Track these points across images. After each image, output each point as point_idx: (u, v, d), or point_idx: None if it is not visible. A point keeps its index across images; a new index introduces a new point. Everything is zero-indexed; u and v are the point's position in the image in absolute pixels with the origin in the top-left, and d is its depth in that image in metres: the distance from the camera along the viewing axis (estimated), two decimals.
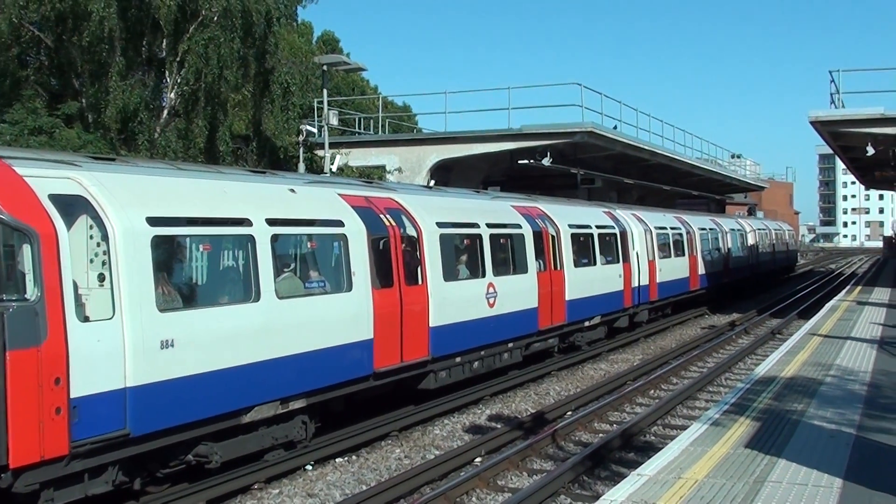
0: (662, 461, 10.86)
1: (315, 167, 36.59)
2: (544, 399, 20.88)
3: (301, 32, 68.70)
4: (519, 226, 22.60)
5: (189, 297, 12.99)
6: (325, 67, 33.24)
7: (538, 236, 23.35)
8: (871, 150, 34.10)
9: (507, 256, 22.00)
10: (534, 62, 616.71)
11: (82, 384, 10.51)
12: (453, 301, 18.74)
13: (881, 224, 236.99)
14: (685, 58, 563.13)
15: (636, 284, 31.05)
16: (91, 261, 11.50)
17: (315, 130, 36.64)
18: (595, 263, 27.43)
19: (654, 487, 9.73)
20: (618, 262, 29.45)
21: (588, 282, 26.26)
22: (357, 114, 51.72)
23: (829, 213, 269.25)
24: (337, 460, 15.30)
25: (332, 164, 33.22)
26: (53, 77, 35.73)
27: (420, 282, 17.87)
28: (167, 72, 34.84)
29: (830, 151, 60.58)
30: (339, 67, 34.27)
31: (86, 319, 10.77)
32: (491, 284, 20.43)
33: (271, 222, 13.92)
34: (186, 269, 13.60)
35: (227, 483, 13.36)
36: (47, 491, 10.60)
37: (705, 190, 69.61)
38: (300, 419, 14.84)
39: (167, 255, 12.53)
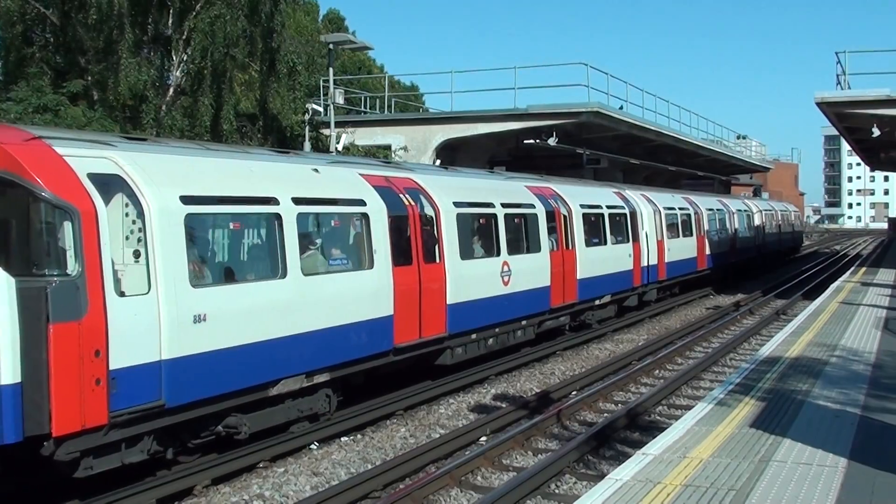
0: (667, 441, 10.86)
1: (321, 146, 36.56)
2: (549, 379, 20.88)
3: (307, 11, 68.56)
4: (532, 205, 22.97)
5: (220, 273, 13.48)
6: (331, 46, 33.13)
7: (551, 216, 23.73)
8: (876, 132, 34.04)
9: (521, 236, 22.39)
10: (540, 42, 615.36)
11: (120, 356, 10.91)
12: (469, 279, 19.19)
13: (886, 205, 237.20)
14: (691, 38, 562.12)
15: (645, 264, 31.39)
16: (126, 238, 11.81)
17: (321, 109, 36.57)
18: (606, 243, 27.82)
19: (659, 467, 9.73)
20: (627, 241, 29.82)
21: (599, 261, 26.63)
22: (363, 93, 51.61)
23: (834, 194, 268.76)
24: (342, 439, 15.31)
25: (338, 143, 33.16)
26: (59, 55, 35.62)
27: (438, 260, 18.28)
28: (173, 50, 34.80)
29: (836, 133, 60.48)
30: (344, 46, 34.13)
31: (122, 294, 11.10)
32: (505, 263, 20.86)
33: (297, 201, 14.36)
34: (217, 247, 14.04)
35: (233, 462, 13.39)
36: (87, 459, 11.02)
37: (711, 171, 69.50)
38: (324, 392, 15.31)
39: (199, 232, 12.97)
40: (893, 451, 10.24)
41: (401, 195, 17.63)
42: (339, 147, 33.08)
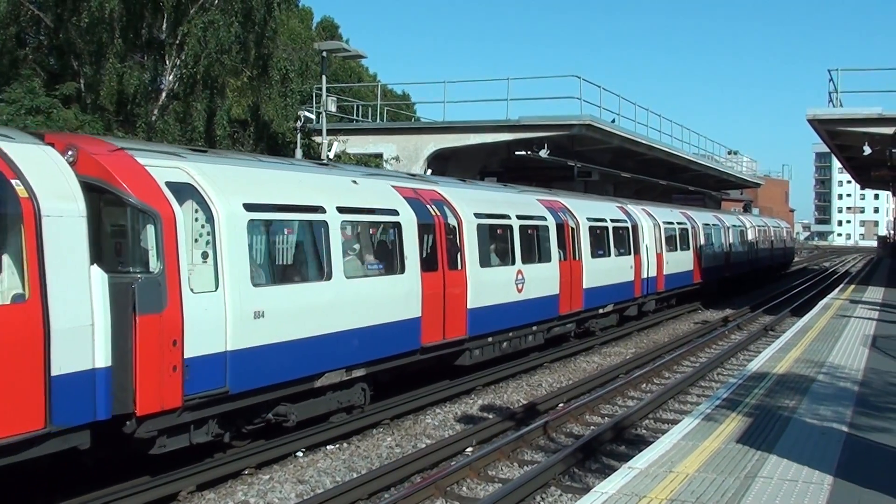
0: (654, 455, 10.86)
1: (312, 154, 36.52)
2: (536, 391, 20.90)
3: (301, 18, 68.53)
4: (544, 218, 24.56)
5: (276, 274, 14.96)
6: (324, 54, 33.06)
7: (560, 228, 25.32)
8: (867, 150, 34.12)
9: (534, 246, 23.93)
10: (533, 54, 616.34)
11: (193, 346, 12.26)
12: (487, 285, 20.68)
13: (876, 223, 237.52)
14: (683, 53, 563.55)
15: (645, 276, 32.79)
16: (196, 240, 13.08)
17: (313, 117, 36.59)
18: (610, 255, 29.35)
19: (644, 481, 9.73)
20: (629, 254, 31.36)
21: (603, 272, 28.17)
22: (355, 101, 51.65)
23: (824, 211, 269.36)
24: (328, 447, 15.30)
25: (330, 150, 33.16)
26: (52, 57, 35.61)
27: (459, 267, 19.72)
28: (167, 55, 34.76)
29: (827, 150, 60.57)
30: (338, 54, 34.13)
31: (194, 291, 12.39)
32: (520, 271, 22.37)
33: (341, 210, 15.91)
34: (273, 250, 15.51)
35: (218, 468, 13.39)
36: (161, 438, 12.35)
37: (701, 185, 69.62)
38: (360, 386, 16.70)
39: (259, 237, 14.46)
40: (879, 470, 10.26)
41: (428, 206, 19.00)
42: (331, 155, 33.07)
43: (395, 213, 17.64)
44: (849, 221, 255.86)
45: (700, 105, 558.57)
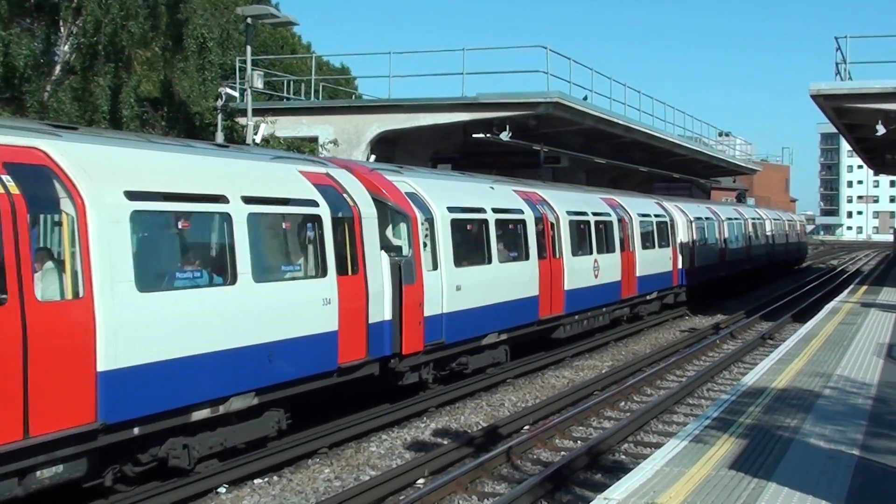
0: (633, 483, 10.89)
1: (236, 137, 36.29)
2: (498, 411, 20.95)
3: None
4: (609, 214, 32.99)
5: (464, 258, 22.35)
6: (248, 20, 32.80)
7: (621, 223, 33.82)
8: (881, 130, 34.16)
9: (603, 239, 31.97)
10: (494, 23, 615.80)
11: (428, 308, 20.29)
12: (577, 272, 28.91)
13: (892, 214, 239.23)
14: (665, 19, 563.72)
15: (680, 267, 40.83)
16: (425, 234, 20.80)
17: (236, 94, 36.34)
18: (654, 247, 37.86)
19: None
20: (668, 246, 39.79)
21: (650, 262, 36.58)
22: (286, 76, 51.42)
23: (831, 201, 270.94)
24: (255, 481, 15.23)
25: (256, 134, 32.94)
26: None
27: (558, 255, 27.69)
28: (61, 21, 34.33)
29: (834, 130, 61.18)
30: (265, 20, 33.84)
31: (426, 270, 20.32)
32: (596, 260, 30.62)
33: (494, 210, 24.10)
34: (462, 242, 22.55)
35: None
36: (408, 373, 20.19)
37: (688, 172, 70.05)
38: (503, 348, 24.77)
39: (457, 231, 22.09)
40: None
41: (537, 205, 27.12)
42: (258, 139, 32.86)
43: (520, 212, 25.68)
44: (860, 212, 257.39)
45: (687, 79, 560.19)
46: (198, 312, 13.91)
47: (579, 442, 17.94)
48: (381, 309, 18.48)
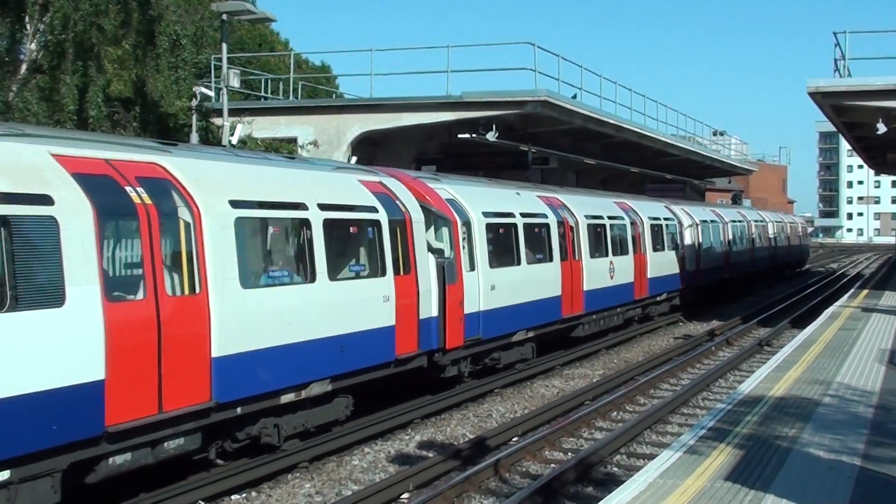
0: (626, 496, 10.89)
1: (211, 138, 36.19)
2: (485, 422, 20.94)
3: None
4: (623, 218, 35.61)
5: (498, 260, 24.76)
6: (224, 16, 32.74)
7: (633, 227, 36.40)
8: (882, 128, 34.11)
9: (618, 242, 34.63)
10: (480, 20, 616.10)
11: (467, 306, 22.48)
12: (595, 273, 31.33)
13: (893, 216, 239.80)
14: (657, 14, 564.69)
15: (687, 269, 42.97)
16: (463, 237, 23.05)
17: (211, 94, 36.24)
18: (665, 249, 40.50)
19: None
20: (676, 249, 42.13)
21: (660, 264, 39.09)
22: (264, 74, 51.37)
23: (830, 202, 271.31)
24: (232, 497, 15.21)
25: (232, 135, 32.84)
26: None
27: (577, 257, 30.07)
28: (27, 17, 34.19)
29: (833, 129, 61.29)
30: (242, 17, 33.79)
31: (465, 271, 22.61)
32: (611, 262, 33.09)
33: (522, 215, 26.60)
34: (496, 244, 24.90)
35: None
36: (450, 366, 22.36)
37: (681, 173, 70.09)
38: (530, 345, 27.13)
39: (492, 234, 24.50)
40: None
41: (559, 210, 29.46)
42: (234, 140, 32.73)
43: (544, 216, 28.14)
44: (860, 214, 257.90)
45: (680, 77, 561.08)
46: (286, 307, 16.22)
47: (570, 454, 17.93)
48: (430, 306, 20.90)
